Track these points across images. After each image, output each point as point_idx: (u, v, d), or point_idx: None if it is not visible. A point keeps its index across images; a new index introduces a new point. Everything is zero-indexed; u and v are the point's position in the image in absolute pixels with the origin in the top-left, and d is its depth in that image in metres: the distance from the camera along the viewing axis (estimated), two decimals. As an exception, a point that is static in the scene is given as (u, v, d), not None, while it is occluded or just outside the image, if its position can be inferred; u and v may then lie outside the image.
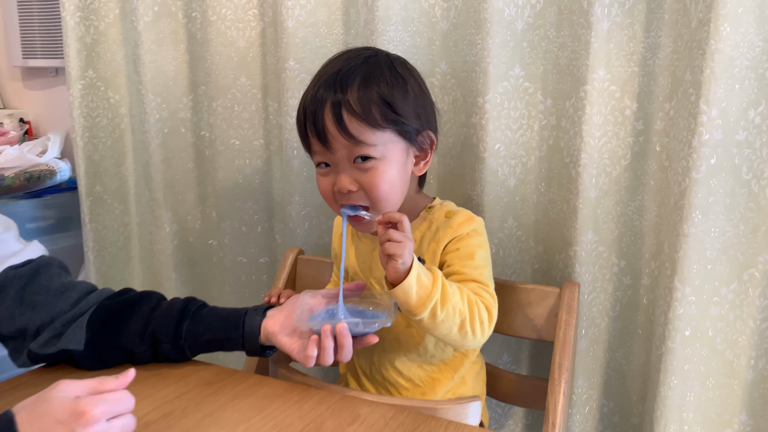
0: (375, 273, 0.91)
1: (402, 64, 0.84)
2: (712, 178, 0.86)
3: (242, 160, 1.29)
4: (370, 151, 0.78)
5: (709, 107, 0.82)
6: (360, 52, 0.84)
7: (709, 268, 0.90)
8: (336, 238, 1.00)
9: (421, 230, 0.88)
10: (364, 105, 0.77)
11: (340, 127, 0.77)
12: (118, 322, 0.85)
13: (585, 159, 0.95)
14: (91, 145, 1.41)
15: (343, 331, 0.76)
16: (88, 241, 1.44)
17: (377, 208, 0.81)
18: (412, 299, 0.75)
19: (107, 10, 1.37)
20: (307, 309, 0.82)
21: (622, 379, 1.08)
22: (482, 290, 0.82)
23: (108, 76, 1.40)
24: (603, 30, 0.90)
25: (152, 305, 0.87)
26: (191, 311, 0.86)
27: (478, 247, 0.84)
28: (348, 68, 0.79)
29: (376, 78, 0.79)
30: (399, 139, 0.80)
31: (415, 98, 0.82)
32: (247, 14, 1.23)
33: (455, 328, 0.78)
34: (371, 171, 0.79)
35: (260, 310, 0.86)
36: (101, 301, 0.86)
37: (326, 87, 0.79)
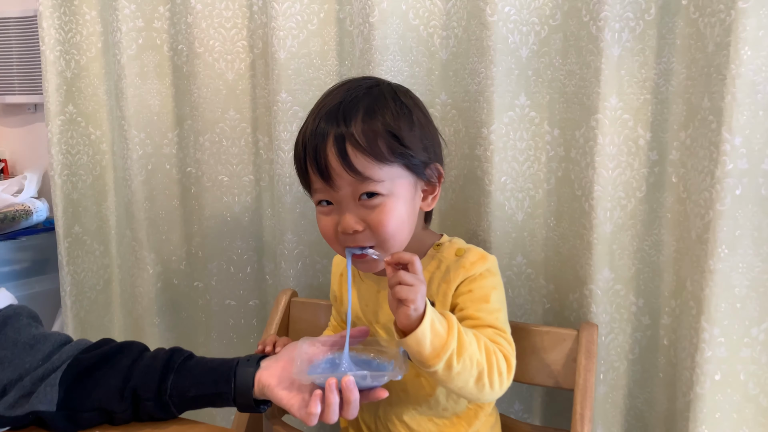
0: (380, 318, 0.84)
1: (405, 93, 0.79)
2: (738, 210, 0.80)
3: (231, 197, 1.22)
4: (377, 187, 0.72)
5: (732, 135, 0.78)
6: (361, 82, 0.78)
7: (738, 306, 0.84)
8: (335, 279, 0.93)
9: (429, 270, 0.81)
10: (369, 138, 0.71)
11: (345, 163, 0.71)
12: (95, 379, 0.76)
13: (598, 191, 0.90)
14: (70, 183, 1.34)
15: (350, 385, 0.68)
16: (66, 284, 1.35)
17: (384, 247, 0.75)
18: (425, 349, 0.68)
19: (89, 44, 1.32)
20: (306, 359, 0.75)
21: (644, 427, 1.00)
22: (499, 337, 0.75)
23: (89, 112, 1.34)
24: (614, 56, 0.86)
25: (133, 358, 0.78)
26: (176, 363, 0.77)
27: (492, 289, 0.78)
28: (350, 99, 0.74)
29: (381, 109, 0.74)
30: (407, 174, 0.75)
31: (422, 129, 0.77)
32: (236, 46, 1.18)
33: (472, 381, 0.71)
34: (378, 208, 0.73)
35: (253, 360, 0.78)
36: (76, 354, 0.78)
37: (328, 119, 0.73)
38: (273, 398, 0.74)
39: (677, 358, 0.92)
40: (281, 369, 0.75)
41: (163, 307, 1.33)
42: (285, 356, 0.78)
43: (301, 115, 1.09)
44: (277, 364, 0.76)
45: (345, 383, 0.68)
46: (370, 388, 0.71)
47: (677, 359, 0.92)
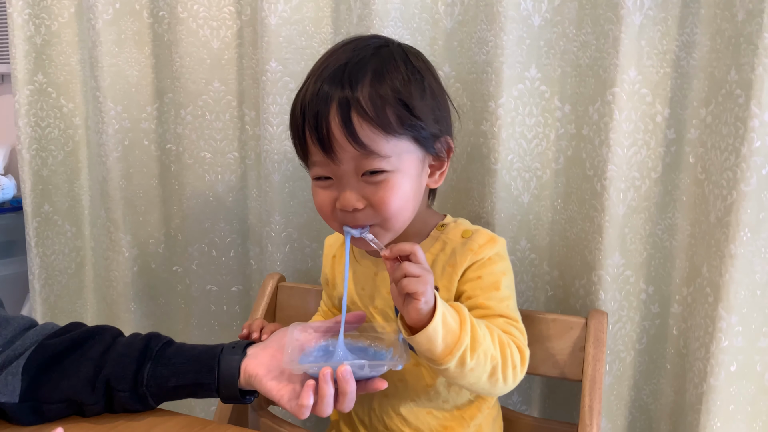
0: (376, 302, 0.77)
1: (417, 56, 0.71)
2: (764, 190, 0.75)
3: (213, 175, 1.15)
4: (382, 164, 0.65)
5: (761, 110, 0.73)
6: (368, 41, 0.70)
7: (759, 293, 0.79)
8: (327, 261, 0.86)
9: (433, 252, 0.75)
10: (377, 105, 0.64)
11: (349, 133, 0.63)
12: (63, 367, 0.69)
13: (612, 171, 0.84)
14: (40, 158, 1.25)
15: (346, 375, 0.62)
16: (34, 267, 1.27)
17: (386, 227, 0.69)
18: (437, 347, 0.62)
19: (61, 7, 1.23)
20: (297, 346, 0.68)
21: (648, 420, 0.96)
22: (511, 327, 0.70)
23: (60, 82, 1.25)
24: (635, 24, 0.80)
25: (106, 344, 0.71)
26: (154, 351, 0.70)
27: (502, 275, 0.72)
28: (357, 60, 0.66)
29: (391, 72, 0.66)
30: (415, 148, 0.68)
31: (434, 98, 0.69)
32: (222, 12, 1.10)
33: (485, 376, 0.66)
34: (382, 185, 0.66)
35: (239, 347, 0.71)
36: (41, 340, 0.71)
37: (332, 82, 0.65)
38: (261, 389, 0.67)
39: (687, 349, 0.87)
40: (270, 357, 0.69)
41: (139, 292, 1.25)
42: (274, 343, 0.71)
43: (292, 86, 1.02)
44: (265, 352, 0.70)
45: (341, 373, 0.62)
46: (368, 378, 0.65)
47: (687, 350, 0.87)
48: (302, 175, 1.06)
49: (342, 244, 0.82)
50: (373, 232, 0.69)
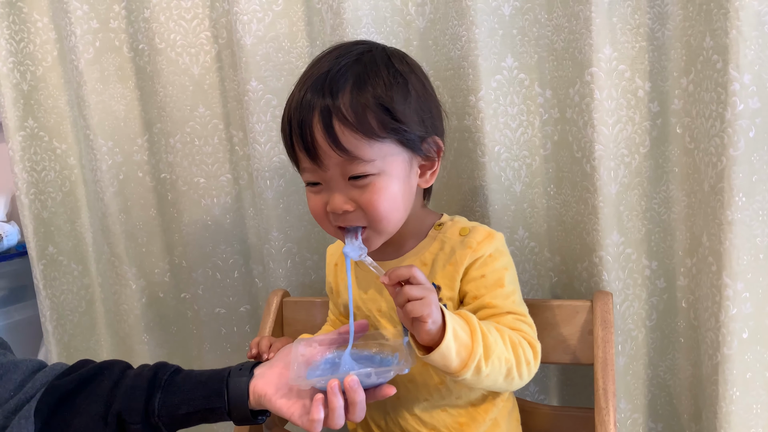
0: (381, 306, 0.78)
1: (401, 58, 0.72)
2: (753, 153, 0.75)
3: (209, 199, 1.15)
4: (367, 167, 0.66)
5: (740, 73, 0.72)
6: (352, 47, 0.71)
7: (761, 257, 0.78)
8: (330, 270, 0.87)
9: (432, 251, 0.75)
10: (358, 112, 0.65)
11: (331, 140, 0.65)
12: (74, 406, 0.69)
13: (600, 150, 0.84)
14: (39, 202, 1.26)
15: (353, 385, 0.62)
16: (45, 309, 1.28)
17: (377, 228, 0.69)
18: (452, 362, 0.63)
19: (44, 52, 1.24)
20: (303, 362, 0.69)
21: (668, 396, 0.94)
22: (520, 322, 0.71)
23: (51, 125, 1.26)
24: (604, 2, 0.80)
25: (114, 378, 0.71)
26: (162, 380, 0.71)
27: (504, 270, 0.73)
28: (339, 68, 0.67)
29: (372, 78, 0.67)
30: (400, 150, 0.68)
31: (418, 99, 0.70)
32: (199, 38, 1.11)
33: (501, 378, 0.67)
34: (369, 188, 0.67)
35: (246, 368, 0.71)
36: (51, 381, 0.71)
37: (314, 90, 0.66)
38: (271, 408, 0.68)
39: (698, 320, 0.86)
40: (277, 376, 0.69)
41: (150, 323, 1.26)
42: (280, 361, 0.71)
43: (275, 103, 1.02)
44: (272, 371, 0.70)
45: (348, 384, 0.62)
46: (376, 385, 0.65)
47: (699, 321, 0.86)
48: (295, 189, 1.06)
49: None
50: (366, 235, 0.70)
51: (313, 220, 1.07)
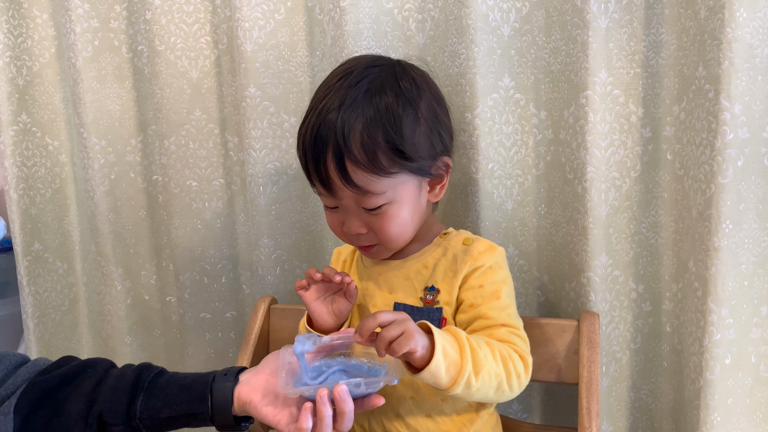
0: (377, 300, 0.79)
1: (411, 82, 0.74)
2: (741, 182, 0.76)
3: (200, 203, 1.15)
4: (378, 200, 0.71)
5: (731, 103, 0.74)
6: (363, 74, 0.72)
7: (746, 284, 0.79)
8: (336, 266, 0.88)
9: (434, 256, 0.78)
10: (369, 152, 0.69)
11: (344, 178, 0.70)
12: (55, 404, 0.68)
13: (592, 173, 0.85)
14: (27, 197, 1.25)
15: (343, 395, 0.62)
16: (27, 306, 1.26)
17: (388, 246, 0.76)
18: (442, 379, 0.64)
19: (42, 48, 1.23)
20: (290, 369, 0.68)
21: (650, 420, 0.95)
22: (513, 336, 0.72)
23: (45, 121, 1.25)
24: (601, 28, 0.82)
25: (98, 377, 0.70)
26: (146, 382, 0.70)
27: (502, 284, 0.75)
28: (350, 103, 0.69)
29: (383, 115, 0.69)
30: (410, 177, 0.72)
31: (427, 124, 0.72)
32: (199, 42, 1.11)
33: (492, 392, 0.68)
34: (381, 215, 0.73)
35: (231, 374, 0.71)
36: (33, 377, 0.70)
37: (327, 129, 0.69)
38: (257, 416, 0.67)
39: (682, 345, 0.87)
40: (264, 382, 0.69)
41: (134, 325, 1.25)
42: (266, 368, 0.71)
43: (272, 110, 1.03)
44: (258, 377, 0.70)
45: (338, 393, 0.62)
46: (365, 395, 0.65)
47: (682, 346, 0.87)
48: (288, 197, 1.06)
49: (353, 249, 0.87)
50: (376, 249, 0.76)
51: (304, 228, 1.09)
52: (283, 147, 1.04)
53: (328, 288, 0.79)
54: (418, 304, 0.76)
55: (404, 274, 0.78)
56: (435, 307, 0.75)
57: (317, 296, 0.79)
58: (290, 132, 1.04)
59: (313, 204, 1.09)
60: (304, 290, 0.79)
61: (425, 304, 0.76)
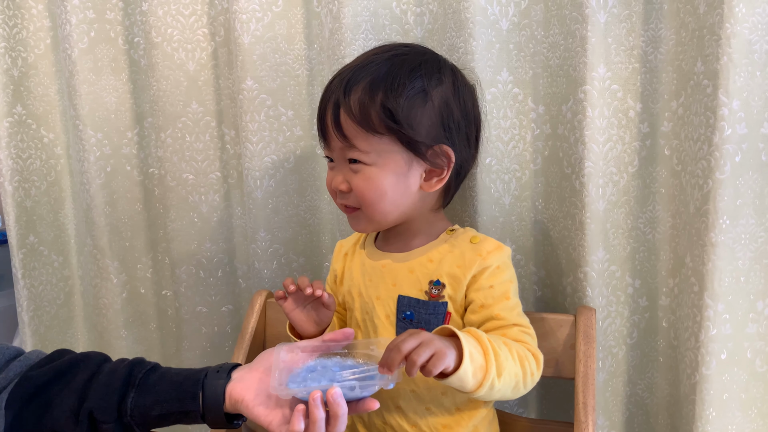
0: (381, 293, 0.79)
1: (436, 69, 0.75)
2: (739, 177, 0.76)
3: (197, 196, 1.14)
4: (361, 156, 0.73)
5: (729, 98, 0.73)
6: (394, 48, 0.77)
7: (742, 280, 0.80)
8: (338, 257, 0.89)
9: (440, 251, 0.78)
10: (363, 107, 0.71)
11: (335, 126, 0.73)
12: (47, 399, 0.67)
13: (589, 167, 0.85)
14: (22, 190, 1.24)
15: (336, 398, 0.61)
16: (22, 299, 1.25)
17: (367, 213, 0.76)
18: (468, 384, 0.65)
19: (37, 39, 1.22)
20: (284, 368, 0.67)
21: (645, 415, 0.95)
22: (525, 335, 0.73)
23: (40, 113, 1.24)
24: (600, 23, 0.81)
25: (90, 372, 0.69)
26: (137, 379, 0.68)
27: (510, 283, 0.76)
28: (366, 65, 0.73)
29: (387, 81, 0.71)
30: (400, 149, 0.72)
31: (434, 109, 0.73)
32: (196, 34, 1.10)
33: (509, 391, 0.70)
34: (360, 174, 0.74)
35: (224, 370, 0.69)
36: (25, 371, 0.69)
37: (338, 81, 0.74)
38: (249, 415, 0.66)
39: (678, 340, 0.88)
40: (257, 381, 0.67)
41: (129, 318, 1.24)
42: (260, 365, 0.70)
43: (269, 103, 1.02)
44: (251, 375, 0.68)
45: (331, 396, 0.61)
46: (359, 398, 0.64)
47: (678, 341, 0.88)
48: (285, 190, 1.06)
49: (355, 242, 0.87)
50: (356, 214, 0.77)
51: (302, 222, 1.08)
52: (280, 140, 1.04)
53: (306, 297, 0.79)
54: (422, 298, 0.76)
55: (409, 267, 0.78)
56: (441, 301, 0.75)
57: (296, 306, 0.80)
58: (287, 125, 1.04)
59: (311, 198, 1.08)
60: (283, 300, 0.79)
61: (430, 298, 0.76)
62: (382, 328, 0.78)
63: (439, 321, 0.75)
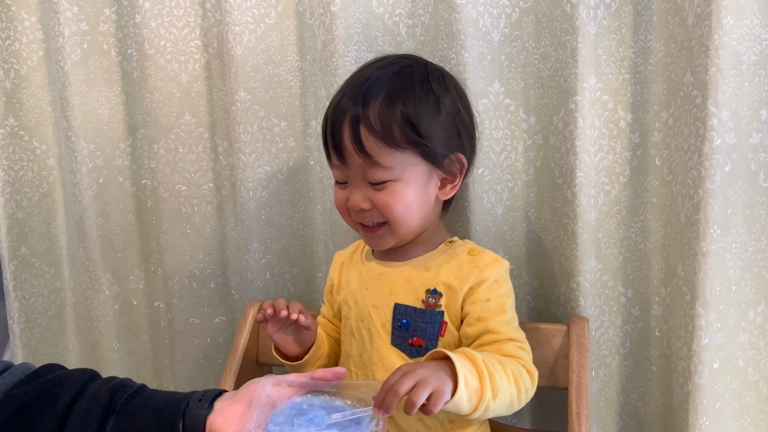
0: (378, 301, 0.79)
1: (439, 77, 0.76)
2: (729, 187, 0.77)
3: (190, 207, 1.14)
4: (385, 174, 0.72)
5: (718, 109, 0.74)
6: (395, 60, 0.77)
7: (734, 289, 0.80)
8: (336, 267, 0.89)
9: (438, 262, 0.78)
10: (384, 123, 0.71)
11: (356, 143, 0.72)
12: (27, 421, 0.64)
13: (581, 178, 0.85)
14: (14, 201, 1.24)
15: None
16: (13, 312, 1.25)
17: (393, 229, 0.76)
18: (463, 408, 0.65)
19: (30, 51, 1.22)
20: (268, 404, 0.64)
21: (639, 424, 0.95)
22: (520, 349, 0.73)
23: (32, 124, 1.24)
24: (590, 34, 0.82)
25: (73, 393, 0.66)
26: (119, 404, 0.65)
27: (507, 297, 0.76)
28: (376, 79, 0.73)
29: (404, 93, 0.72)
30: (420, 161, 0.73)
31: (448, 118, 0.74)
32: (189, 46, 1.11)
33: (504, 410, 0.70)
34: (386, 191, 0.73)
35: (207, 399, 0.66)
36: (8, 390, 0.66)
37: (350, 97, 0.73)
38: None
39: (671, 349, 0.88)
40: (240, 415, 0.63)
41: (122, 330, 1.23)
42: (244, 398, 0.65)
43: (262, 114, 1.03)
44: (234, 407, 0.64)
45: None
46: None
47: (671, 350, 0.88)
48: (278, 201, 1.06)
49: (353, 252, 0.88)
50: (381, 231, 0.76)
51: (295, 233, 1.08)
52: (273, 151, 1.04)
53: (285, 319, 0.78)
54: (419, 306, 0.76)
55: (406, 275, 0.78)
56: (437, 310, 0.75)
57: (278, 328, 0.80)
58: (280, 136, 1.04)
59: (304, 209, 1.08)
60: (264, 323, 0.79)
61: (427, 307, 0.76)
62: (378, 336, 0.78)
63: (435, 330, 0.75)
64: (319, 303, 1.10)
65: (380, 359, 0.77)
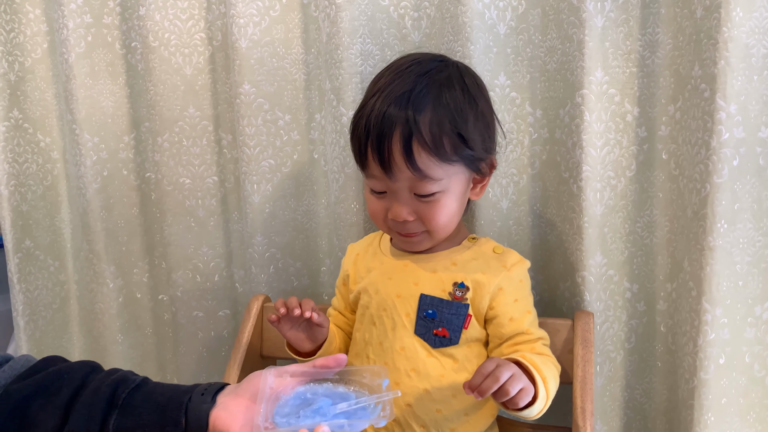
0: (401, 291, 0.79)
1: (473, 80, 0.76)
2: (736, 181, 0.76)
3: (193, 200, 1.14)
4: (434, 186, 0.72)
5: (727, 102, 0.73)
6: (429, 65, 0.74)
7: (740, 284, 0.79)
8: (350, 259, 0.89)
9: (463, 257, 0.79)
10: (435, 135, 0.70)
11: (408, 158, 0.70)
12: (28, 416, 0.63)
13: (587, 172, 0.85)
14: (19, 194, 1.23)
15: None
16: (18, 304, 1.25)
17: (432, 235, 0.77)
18: (530, 415, 0.70)
19: (34, 44, 1.22)
20: (271, 396, 0.63)
21: (643, 420, 0.95)
22: (546, 347, 0.77)
23: (36, 117, 1.24)
24: (597, 27, 0.81)
25: (75, 387, 0.65)
26: (121, 399, 0.64)
27: (530, 297, 0.79)
28: (420, 88, 0.71)
29: (449, 103, 0.71)
30: (465, 170, 0.74)
31: (483, 121, 0.75)
32: (194, 38, 1.10)
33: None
34: (432, 203, 0.73)
35: (209, 393, 0.65)
36: (8, 384, 0.65)
37: (397, 107, 0.70)
38: None
39: (676, 345, 0.87)
40: (243, 410, 0.63)
41: (125, 323, 1.23)
42: (247, 392, 0.65)
43: (266, 107, 1.02)
44: (237, 402, 0.64)
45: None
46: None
47: (676, 346, 0.87)
48: (282, 195, 1.06)
49: (368, 243, 0.88)
50: (420, 237, 0.77)
51: (299, 226, 1.08)
52: (278, 144, 1.04)
53: (298, 318, 0.78)
54: (445, 298, 0.77)
55: (431, 267, 0.79)
56: (463, 303, 0.76)
57: (291, 326, 0.80)
58: (284, 129, 1.04)
59: (308, 202, 1.08)
60: (277, 323, 0.79)
61: (453, 299, 0.77)
62: (401, 325, 0.78)
63: (460, 322, 0.76)
64: (323, 297, 1.10)
65: (402, 348, 0.77)
